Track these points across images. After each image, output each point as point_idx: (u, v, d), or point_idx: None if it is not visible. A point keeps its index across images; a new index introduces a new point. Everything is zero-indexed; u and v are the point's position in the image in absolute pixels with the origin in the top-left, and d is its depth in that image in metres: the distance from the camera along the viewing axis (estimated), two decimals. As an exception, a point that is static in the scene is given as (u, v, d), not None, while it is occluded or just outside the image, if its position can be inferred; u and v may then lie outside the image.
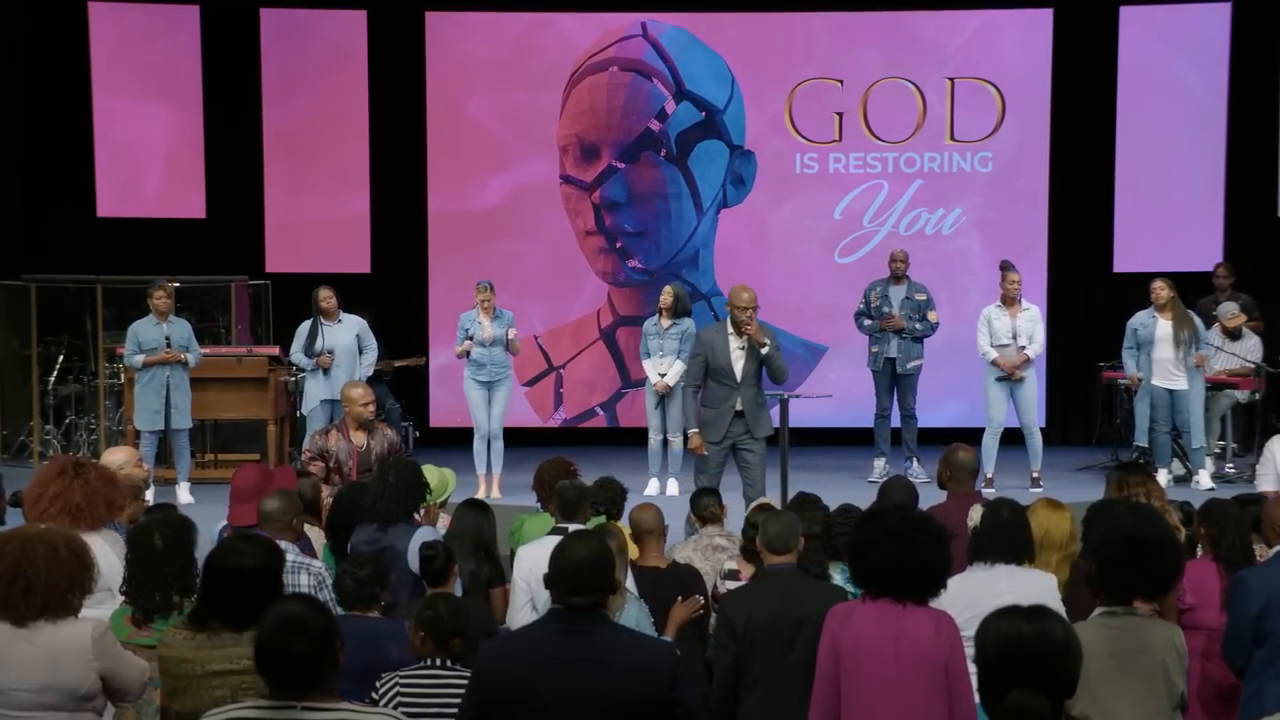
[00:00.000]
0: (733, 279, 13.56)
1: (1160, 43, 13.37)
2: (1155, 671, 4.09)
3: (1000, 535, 4.96)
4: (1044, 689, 2.93)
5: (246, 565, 3.93)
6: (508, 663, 3.74)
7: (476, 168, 13.63)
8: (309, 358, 10.39)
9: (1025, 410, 10.68)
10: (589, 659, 3.65)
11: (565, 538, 3.90)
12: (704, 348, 8.48)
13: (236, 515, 5.98)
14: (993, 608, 3.30)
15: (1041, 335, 10.71)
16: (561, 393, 13.76)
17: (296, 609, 3.35)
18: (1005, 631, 3.02)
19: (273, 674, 3.30)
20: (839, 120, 13.54)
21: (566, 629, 3.71)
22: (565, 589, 3.72)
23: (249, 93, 13.39)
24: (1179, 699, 4.18)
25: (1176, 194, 13.31)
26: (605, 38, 13.60)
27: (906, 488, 6.73)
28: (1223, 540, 5.51)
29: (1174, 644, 4.22)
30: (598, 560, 3.73)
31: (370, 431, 8.03)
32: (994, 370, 10.65)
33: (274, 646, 3.28)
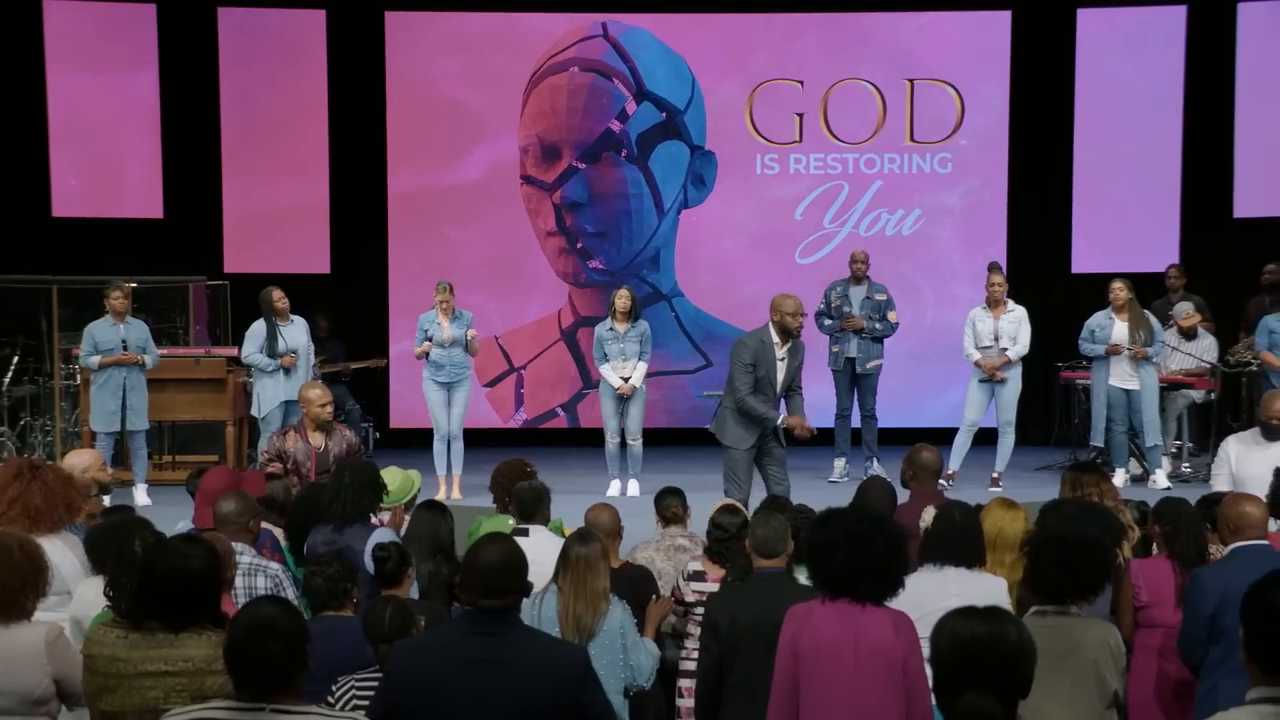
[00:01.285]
0: (694, 280, 13.67)
1: (1117, 45, 13.47)
2: (1086, 670, 4.11)
3: (951, 538, 4.98)
4: (997, 690, 2.94)
5: (191, 567, 3.88)
6: (418, 663, 3.73)
7: (436, 168, 13.59)
8: (272, 359, 10.31)
9: (1005, 409, 10.72)
10: (499, 660, 3.64)
11: (478, 540, 3.90)
12: (755, 356, 8.31)
13: (203, 517, 5.95)
14: (941, 609, 3.32)
15: (1027, 336, 10.72)
16: (522, 393, 13.73)
17: (269, 610, 3.34)
18: (960, 632, 3.03)
19: (244, 674, 3.28)
20: (799, 121, 13.57)
21: (478, 630, 3.70)
22: (477, 591, 3.72)
23: (207, 92, 13.31)
24: (1112, 698, 4.21)
25: (1133, 195, 13.42)
26: (565, 38, 13.58)
27: (885, 487, 6.75)
28: (1177, 538, 5.56)
29: (1108, 643, 4.24)
30: (509, 563, 3.73)
31: (329, 433, 7.99)
32: (978, 371, 10.69)
33: (247, 647, 3.27)
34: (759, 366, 8.28)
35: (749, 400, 8.30)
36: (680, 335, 13.66)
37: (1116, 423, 10.65)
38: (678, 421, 13.65)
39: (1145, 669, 5.48)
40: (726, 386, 8.51)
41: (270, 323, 10.37)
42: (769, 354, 8.33)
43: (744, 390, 8.31)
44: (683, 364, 13.64)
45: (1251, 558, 4.93)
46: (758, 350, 8.31)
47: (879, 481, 6.99)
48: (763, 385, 8.30)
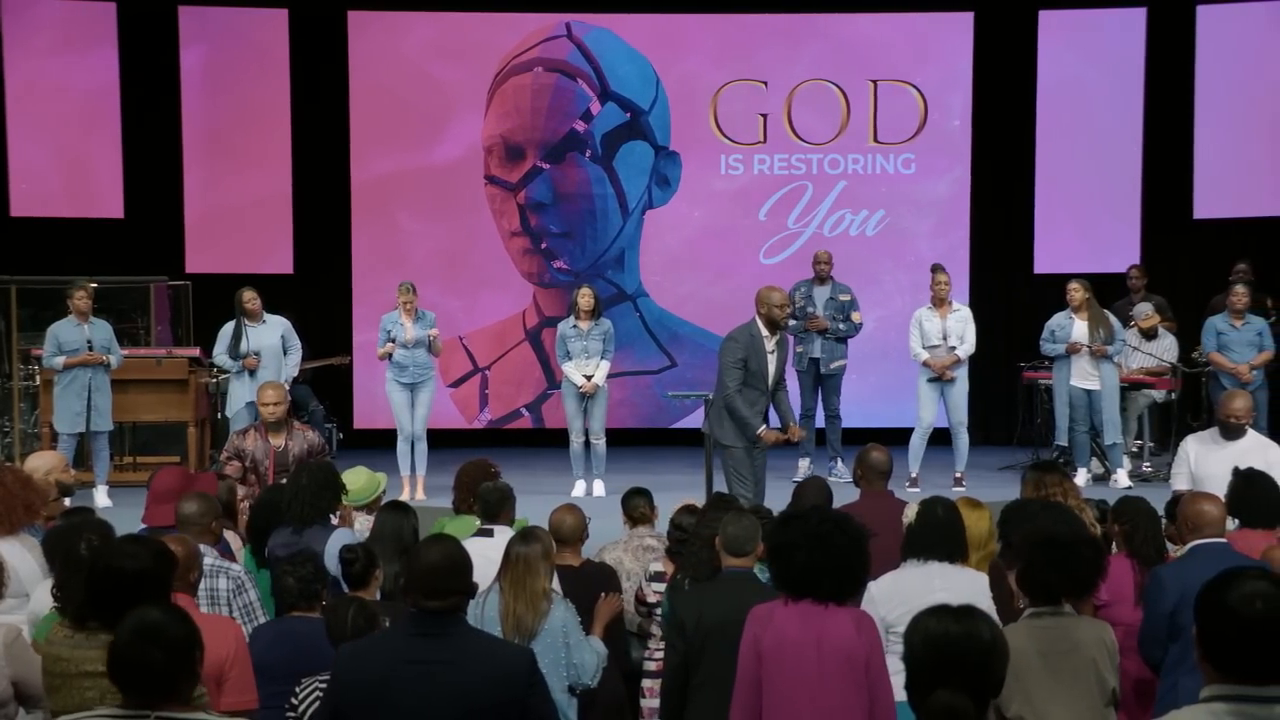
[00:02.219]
0: (658, 280, 13.67)
1: (1078, 47, 13.56)
2: (1086, 670, 4.13)
3: (934, 533, 4.99)
4: (970, 688, 2.95)
5: (126, 567, 3.84)
6: (362, 665, 3.71)
7: (399, 169, 13.56)
8: (234, 359, 10.26)
9: (955, 410, 10.77)
10: (443, 661, 3.63)
11: (421, 541, 3.89)
12: (746, 351, 8.23)
13: (153, 515, 5.92)
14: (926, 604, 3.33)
15: (972, 335, 10.80)
16: (487, 394, 13.71)
17: (155, 617, 3.22)
18: (933, 630, 3.04)
19: (126, 682, 3.19)
20: (763, 122, 13.60)
21: (421, 632, 3.68)
22: (420, 592, 3.70)
23: (168, 92, 13.22)
24: (1110, 695, 4.23)
25: (1094, 196, 13.51)
26: (529, 38, 13.57)
27: (820, 488, 6.76)
28: (1135, 537, 5.60)
29: (1104, 641, 4.26)
30: (452, 563, 3.71)
31: (288, 432, 7.95)
32: (926, 371, 10.73)
33: (129, 654, 3.17)
34: (750, 360, 8.20)
35: (735, 400, 8.19)
36: (645, 335, 13.66)
37: (1078, 422, 10.71)
38: (643, 421, 13.66)
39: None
40: (717, 385, 8.41)
41: (239, 323, 10.33)
42: (759, 347, 8.26)
43: (733, 386, 8.20)
44: (647, 364, 13.64)
45: (1210, 556, 4.97)
46: (748, 345, 8.23)
47: (815, 482, 6.99)
48: (754, 380, 8.22)
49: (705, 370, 13.42)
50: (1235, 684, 2.80)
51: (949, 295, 10.81)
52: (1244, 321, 10.84)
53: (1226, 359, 10.74)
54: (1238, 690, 2.79)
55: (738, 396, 8.18)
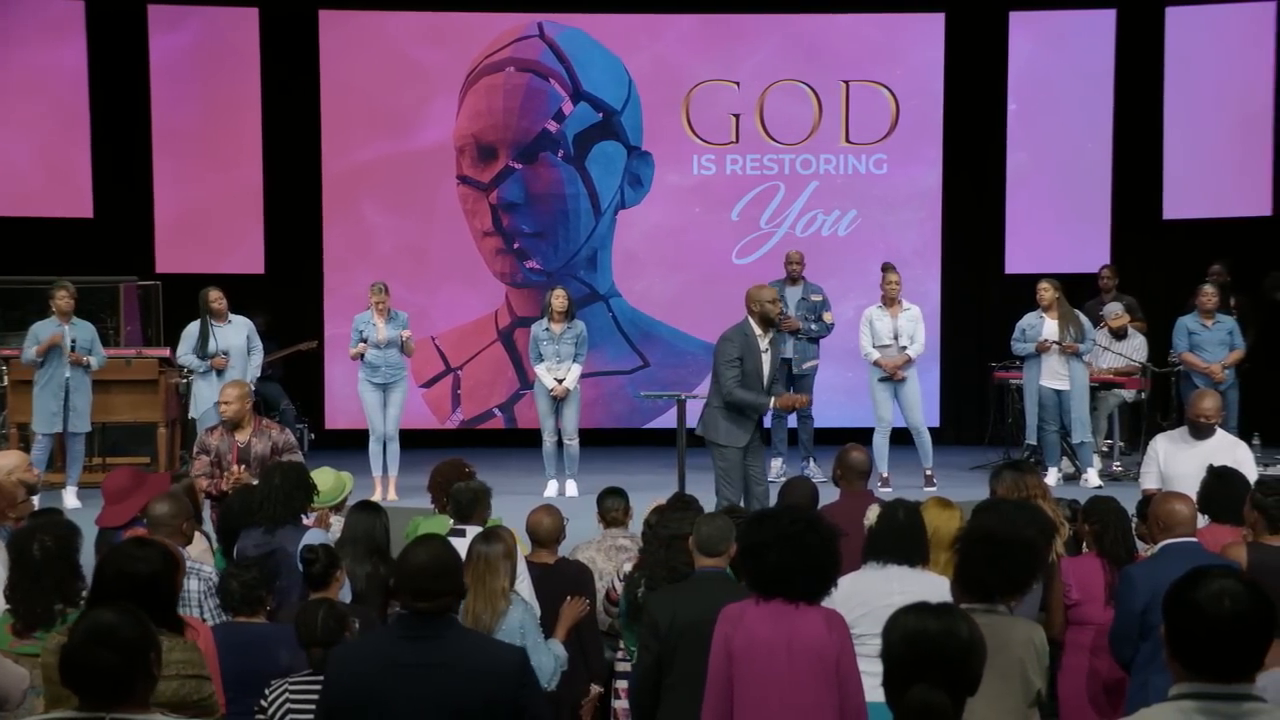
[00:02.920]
0: (631, 280, 13.67)
1: (1049, 48, 13.62)
2: (1012, 669, 4.14)
3: (895, 536, 5.00)
4: (947, 685, 2.96)
5: (140, 571, 3.84)
6: (353, 668, 3.70)
7: (371, 168, 13.51)
8: (203, 359, 10.21)
9: (911, 410, 10.80)
10: (434, 664, 3.62)
11: (410, 542, 3.88)
12: (741, 350, 8.20)
13: (107, 516, 5.90)
14: (885, 607, 3.34)
15: (923, 335, 10.83)
16: (459, 394, 13.68)
17: (108, 618, 3.15)
18: (912, 627, 3.05)
19: (78, 685, 3.14)
20: (736, 122, 13.62)
21: (411, 634, 3.68)
22: (409, 594, 3.70)
23: (137, 90, 13.14)
24: (1035, 697, 4.25)
25: (1065, 197, 13.57)
26: (501, 38, 13.55)
27: (806, 487, 6.78)
28: (1106, 536, 5.63)
29: (1033, 642, 4.27)
30: (440, 564, 3.71)
31: (254, 429, 7.92)
32: (877, 371, 10.76)
33: (79, 656, 3.12)
34: (745, 359, 8.21)
35: (738, 392, 8.15)
36: (617, 335, 13.66)
37: (1048, 422, 10.76)
38: (615, 422, 13.65)
39: (1076, 666, 5.54)
40: (711, 386, 8.38)
41: (205, 323, 10.27)
42: (754, 346, 8.26)
43: (732, 383, 8.17)
44: (620, 364, 13.64)
45: (1181, 555, 5.00)
46: (743, 344, 8.23)
47: (800, 481, 7.01)
48: (750, 379, 8.21)
49: (678, 370, 13.47)
50: (1203, 682, 2.81)
51: (899, 295, 10.85)
52: (1214, 321, 10.92)
53: (1199, 358, 10.81)
54: (1206, 688, 2.81)
55: (738, 389, 8.17)
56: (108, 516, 5.98)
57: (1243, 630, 2.79)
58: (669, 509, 5.90)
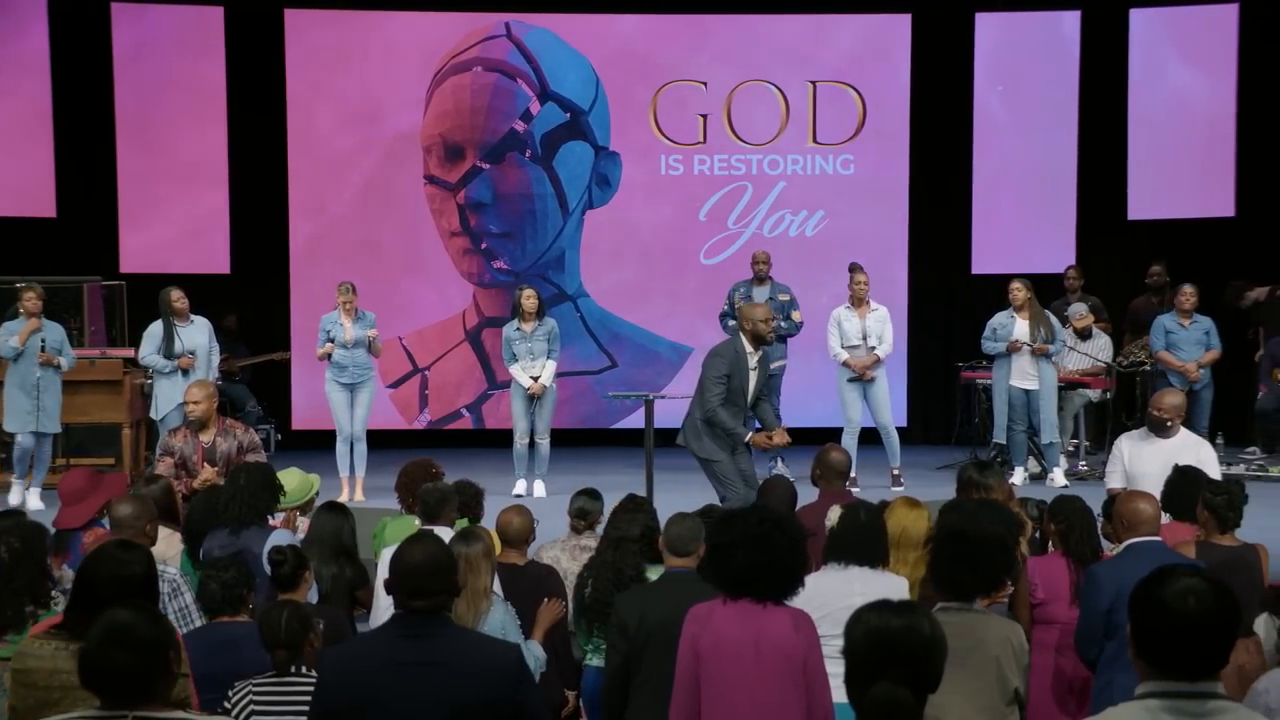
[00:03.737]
0: (598, 281, 13.66)
1: (1014, 48, 13.69)
2: (988, 667, 4.16)
3: (856, 538, 5.01)
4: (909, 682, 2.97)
5: (135, 573, 3.82)
6: (349, 668, 3.69)
7: (338, 166, 13.46)
8: (169, 360, 10.15)
9: (879, 410, 10.83)
10: (431, 662, 3.61)
11: (404, 541, 3.87)
12: (730, 367, 8.19)
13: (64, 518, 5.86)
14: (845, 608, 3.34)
15: (891, 335, 10.86)
16: (427, 394, 13.64)
17: (124, 618, 3.19)
18: (874, 624, 3.05)
19: (98, 686, 3.17)
20: (703, 122, 13.62)
21: (407, 633, 3.67)
22: (404, 593, 3.69)
23: (101, 89, 13.04)
24: (1012, 695, 4.26)
25: (1031, 197, 13.63)
26: (468, 38, 13.51)
27: (785, 487, 6.79)
28: (1071, 536, 5.65)
29: (1010, 640, 4.29)
30: (435, 563, 3.69)
31: (219, 429, 7.88)
32: (845, 371, 10.78)
33: (97, 658, 3.15)
34: (733, 378, 8.20)
35: (720, 413, 8.15)
36: (585, 336, 13.65)
37: (1016, 422, 10.81)
38: (583, 422, 13.64)
39: (1042, 665, 5.56)
40: (696, 398, 8.36)
41: (168, 323, 10.21)
42: (743, 364, 8.26)
43: (715, 401, 8.15)
44: (588, 364, 13.63)
45: (1145, 554, 5.02)
46: (733, 361, 8.22)
47: (779, 481, 7.03)
48: (735, 396, 8.20)
49: (646, 371, 13.47)
50: (1169, 680, 2.82)
51: (867, 295, 10.88)
52: (1192, 321, 11.01)
53: (1174, 357, 10.88)
54: (1172, 686, 2.82)
55: (721, 410, 8.16)
56: (65, 518, 5.94)
57: (1208, 629, 2.80)
58: (619, 510, 5.90)
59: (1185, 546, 5.64)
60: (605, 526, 5.87)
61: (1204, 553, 5.58)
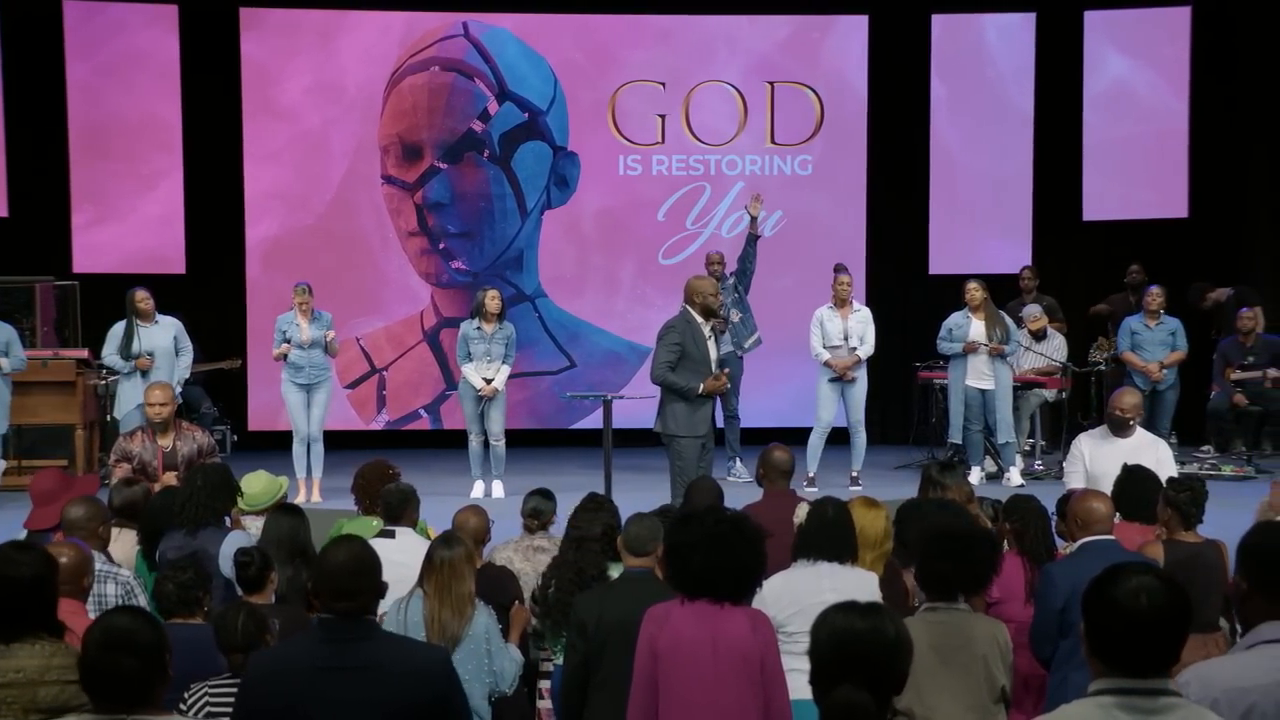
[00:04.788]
0: (557, 281, 13.64)
1: (970, 51, 13.76)
2: (976, 665, 4.18)
3: (824, 534, 5.02)
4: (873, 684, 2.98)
5: (22, 575, 3.74)
6: (273, 673, 3.65)
7: (295, 166, 13.38)
8: (127, 360, 10.07)
9: (855, 409, 10.85)
10: (356, 667, 3.56)
11: (327, 543, 3.83)
12: (682, 337, 8.34)
13: (35, 519, 5.80)
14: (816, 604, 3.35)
15: (873, 336, 10.88)
16: (384, 395, 13.59)
17: (124, 623, 3.22)
18: (839, 625, 3.06)
19: (99, 691, 3.17)
20: (661, 122, 13.63)
21: (332, 637, 3.61)
22: (328, 596, 3.62)
23: (53, 87, 12.90)
24: (1000, 693, 4.28)
25: (987, 198, 13.70)
26: (425, 37, 13.46)
27: (711, 488, 6.78)
28: (1026, 535, 5.69)
29: (996, 639, 4.31)
30: (359, 563, 3.65)
31: (176, 433, 7.83)
32: (826, 371, 10.80)
33: (101, 663, 3.15)
34: (688, 346, 8.33)
35: (669, 375, 8.33)
36: (544, 336, 13.62)
37: (972, 422, 10.86)
38: (541, 422, 13.62)
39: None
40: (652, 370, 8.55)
41: (130, 324, 10.14)
42: (697, 334, 8.39)
43: (664, 368, 8.34)
44: (546, 365, 13.60)
45: (1099, 552, 5.06)
46: (684, 330, 8.37)
47: (703, 482, 7.01)
48: (697, 365, 8.34)
49: (604, 371, 13.46)
50: (1121, 678, 2.84)
51: (850, 296, 10.91)
52: (1158, 322, 11.10)
53: (1138, 358, 10.96)
54: (1124, 684, 2.83)
55: (669, 373, 8.32)
56: (36, 519, 5.88)
57: (1159, 626, 2.82)
58: (580, 510, 5.90)
59: (1153, 547, 5.67)
60: (567, 526, 5.85)
61: (1172, 551, 5.63)
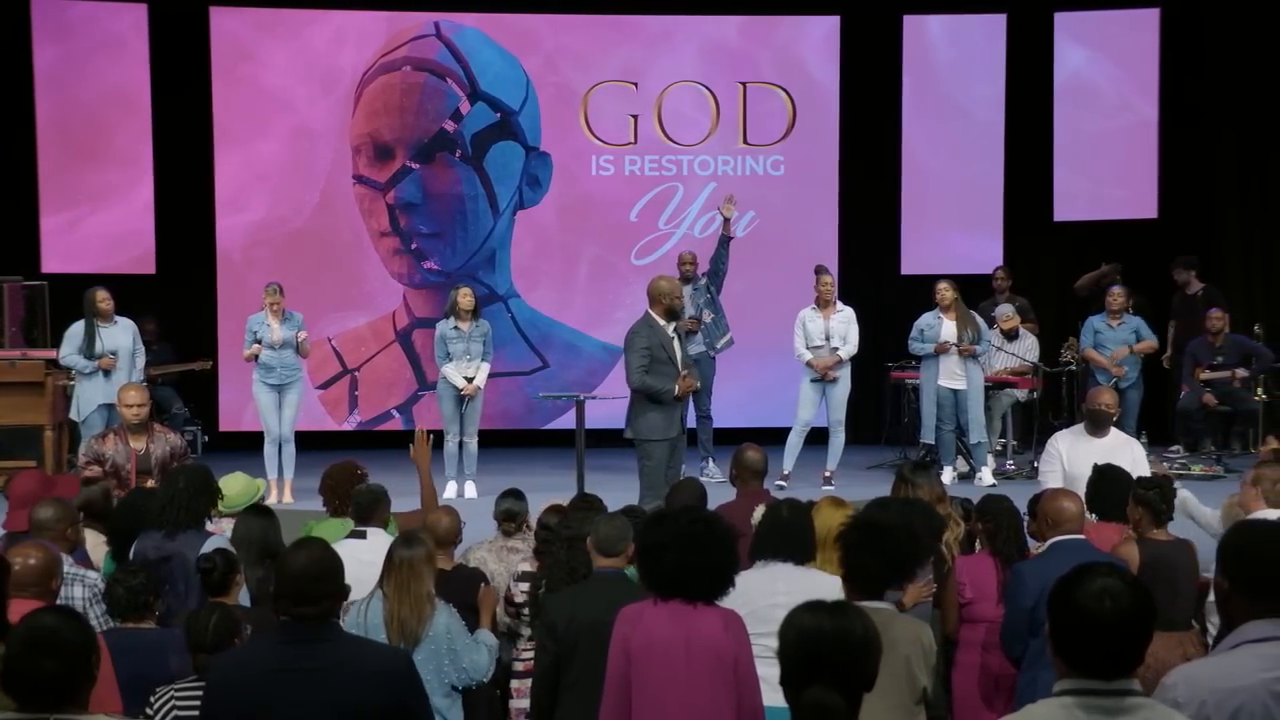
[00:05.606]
0: (529, 281, 13.62)
1: (941, 51, 13.79)
2: (899, 666, 4.18)
3: (778, 535, 5.01)
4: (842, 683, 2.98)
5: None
6: (236, 674, 3.65)
7: (266, 166, 13.32)
8: (89, 360, 10.01)
9: (836, 408, 10.86)
10: (317, 669, 3.56)
11: (288, 546, 3.82)
12: (649, 340, 8.36)
13: (13, 520, 5.77)
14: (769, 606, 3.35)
15: (855, 336, 10.89)
16: (356, 395, 13.54)
17: (48, 623, 3.16)
18: (807, 626, 3.06)
19: (20, 694, 3.12)
20: (634, 123, 13.62)
21: (294, 639, 3.61)
22: (289, 598, 3.63)
23: (21, 85, 12.80)
24: (921, 693, 4.29)
25: (959, 198, 13.73)
26: (397, 37, 13.42)
27: (694, 488, 6.79)
28: (998, 535, 5.71)
29: (920, 640, 4.31)
30: (319, 568, 3.64)
31: (149, 435, 7.79)
32: (809, 371, 10.82)
33: (21, 665, 3.10)
34: (655, 349, 8.35)
35: (646, 378, 8.34)
36: (517, 337, 13.60)
37: (944, 421, 10.89)
38: (513, 423, 13.60)
39: (969, 663, 5.62)
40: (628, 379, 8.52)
41: (90, 324, 10.07)
42: (662, 336, 8.41)
43: (639, 372, 8.35)
44: (519, 365, 13.58)
45: (1069, 552, 5.09)
46: (650, 335, 8.39)
47: (687, 482, 7.02)
48: (665, 369, 8.36)
49: (577, 371, 13.45)
50: (1085, 679, 2.85)
51: (833, 296, 10.93)
52: (1120, 321, 11.15)
53: (1100, 356, 11.01)
54: (1088, 685, 2.85)
55: (646, 376, 8.33)
56: (14, 521, 5.85)
57: (1123, 629, 2.83)
58: (572, 509, 5.90)
59: (1128, 545, 5.70)
60: (558, 526, 5.84)
61: (1146, 549, 5.66)
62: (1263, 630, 3.19)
